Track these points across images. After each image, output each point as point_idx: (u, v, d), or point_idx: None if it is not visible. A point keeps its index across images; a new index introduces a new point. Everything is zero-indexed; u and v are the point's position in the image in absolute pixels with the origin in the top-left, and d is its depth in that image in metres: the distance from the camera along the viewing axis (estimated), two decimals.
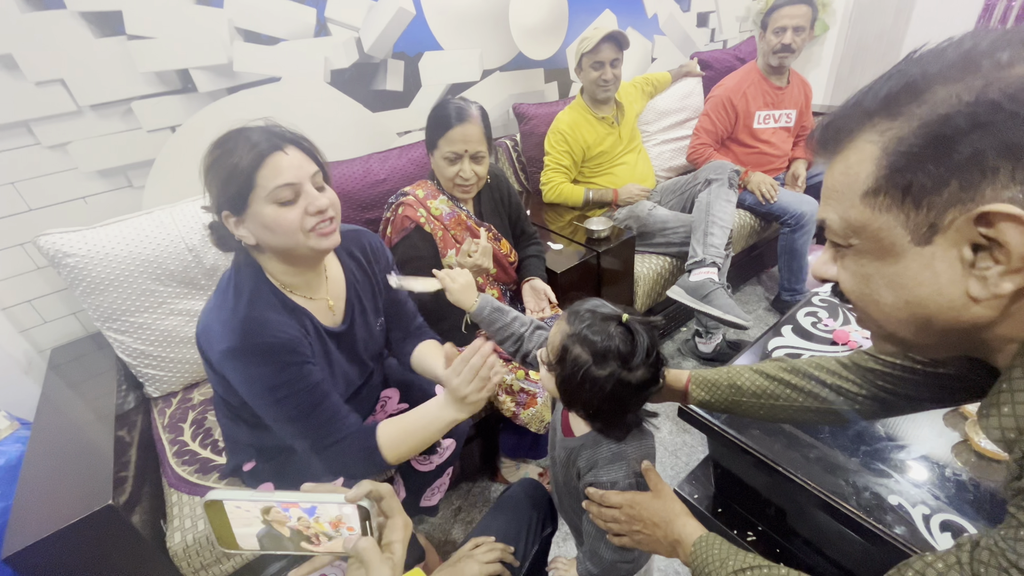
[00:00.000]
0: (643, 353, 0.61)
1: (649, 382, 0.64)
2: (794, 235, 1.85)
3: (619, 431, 0.70)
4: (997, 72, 0.32)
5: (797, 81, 2.01)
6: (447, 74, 1.78)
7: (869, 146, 0.37)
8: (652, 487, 0.69)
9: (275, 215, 0.73)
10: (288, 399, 0.76)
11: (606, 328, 0.63)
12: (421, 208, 1.23)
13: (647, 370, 0.63)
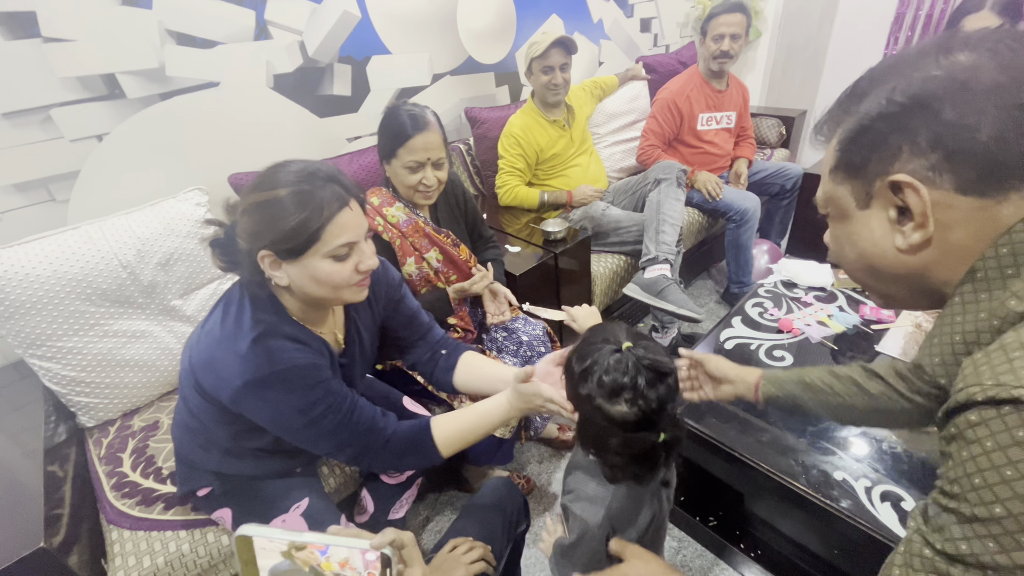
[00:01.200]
0: (619, 388, 0.57)
1: (634, 424, 0.58)
2: (739, 230, 1.94)
3: (609, 470, 0.65)
4: (908, 75, 0.41)
5: (735, 84, 2.12)
6: (396, 78, 1.76)
7: (835, 138, 0.48)
8: (630, 556, 0.67)
9: (328, 270, 0.73)
10: (324, 416, 0.77)
11: (598, 349, 0.60)
12: (377, 216, 1.20)
13: (629, 408, 0.57)
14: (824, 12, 2.62)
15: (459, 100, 1.97)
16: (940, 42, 0.42)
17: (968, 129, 0.38)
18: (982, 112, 0.38)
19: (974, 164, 0.39)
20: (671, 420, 0.60)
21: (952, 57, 0.40)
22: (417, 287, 1.28)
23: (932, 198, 0.41)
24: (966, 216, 0.40)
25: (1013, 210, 0.39)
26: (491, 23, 1.94)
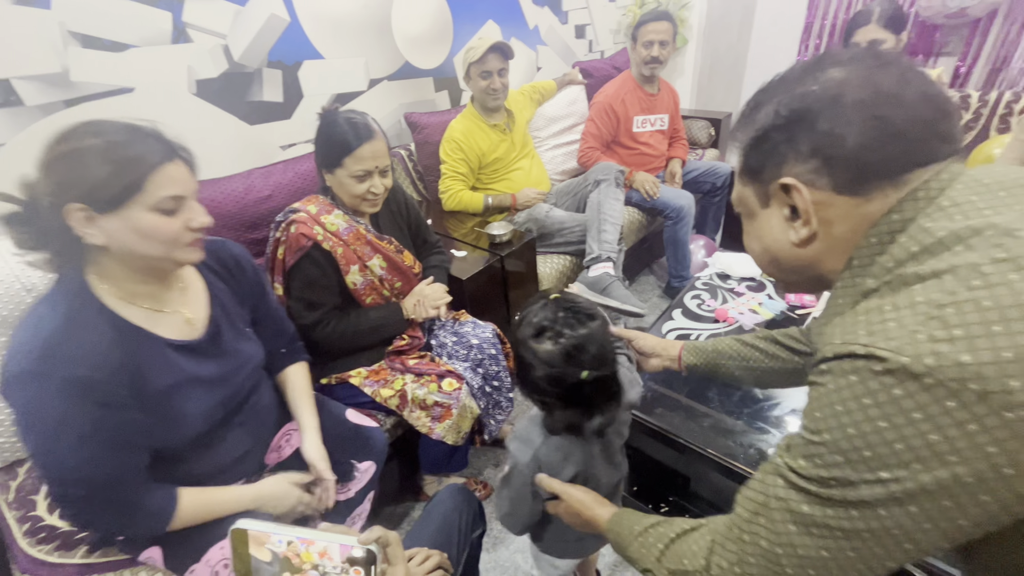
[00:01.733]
0: (543, 328, 0.66)
1: (559, 360, 0.64)
2: (676, 227, 2.04)
3: (549, 420, 0.72)
4: (792, 90, 0.47)
5: (666, 88, 2.22)
6: (331, 84, 1.71)
7: (741, 144, 0.53)
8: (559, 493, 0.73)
9: (154, 223, 0.70)
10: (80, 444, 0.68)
11: (533, 302, 0.70)
12: (316, 225, 1.16)
13: (552, 345, 0.65)
14: (742, 22, 2.80)
15: (398, 105, 1.95)
16: (817, 60, 0.47)
17: (839, 138, 0.43)
18: (850, 123, 0.43)
19: (846, 168, 0.44)
20: (597, 360, 0.66)
21: (826, 74, 0.45)
22: (363, 296, 1.24)
23: (814, 198, 0.46)
24: (844, 213, 0.46)
25: (879, 205, 0.44)
26: (427, 28, 1.94)
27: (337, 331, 1.19)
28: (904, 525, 0.38)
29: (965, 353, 0.34)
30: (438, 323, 1.39)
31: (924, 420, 0.35)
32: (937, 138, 0.43)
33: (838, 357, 0.40)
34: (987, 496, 0.35)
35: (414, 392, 1.18)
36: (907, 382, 0.35)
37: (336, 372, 1.25)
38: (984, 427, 0.34)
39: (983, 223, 0.38)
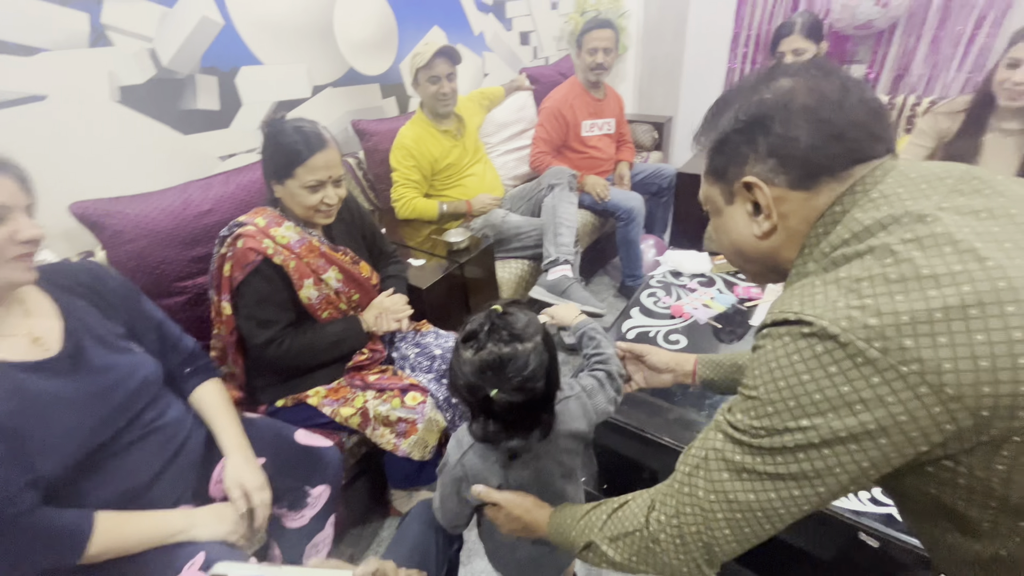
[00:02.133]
0: (470, 336, 0.66)
1: (474, 371, 0.64)
2: (627, 228, 2.10)
3: (471, 423, 0.71)
4: (749, 97, 0.51)
5: (611, 93, 2.29)
6: (272, 91, 1.64)
7: (705, 148, 0.57)
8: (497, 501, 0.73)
9: None
10: None
11: (484, 309, 0.68)
12: (265, 238, 1.10)
13: (472, 355, 0.64)
14: (676, 31, 2.94)
15: (344, 113, 1.89)
16: (769, 71, 0.52)
17: (793, 140, 0.48)
18: (800, 126, 0.48)
19: (799, 166, 0.49)
20: (512, 384, 0.63)
21: (777, 83, 0.50)
22: (318, 311, 1.19)
23: (772, 194, 0.51)
24: (798, 206, 0.50)
25: (826, 198, 0.49)
26: (371, 34, 1.89)
27: (293, 349, 1.13)
28: (818, 468, 0.43)
29: (872, 317, 0.39)
30: (399, 335, 1.36)
31: (838, 374, 0.40)
32: (873, 138, 0.48)
33: (775, 324, 0.46)
34: (884, 439, 0.40)
35: (376, 409, 1.14)
36: (826, 341, 0.41)
37: (292, 393, 1.18)
38: (884, 379, 0.39)
39: (902, 211, 0.43)
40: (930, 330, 0.37)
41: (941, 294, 0.38)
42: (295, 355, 1.14)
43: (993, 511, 0.41)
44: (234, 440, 0.94)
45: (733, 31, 2.75)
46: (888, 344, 0.38)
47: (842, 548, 1.13)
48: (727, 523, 0.49)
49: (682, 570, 0.53)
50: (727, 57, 2.84)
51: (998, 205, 0.41)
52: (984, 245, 0.39)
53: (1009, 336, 0.36)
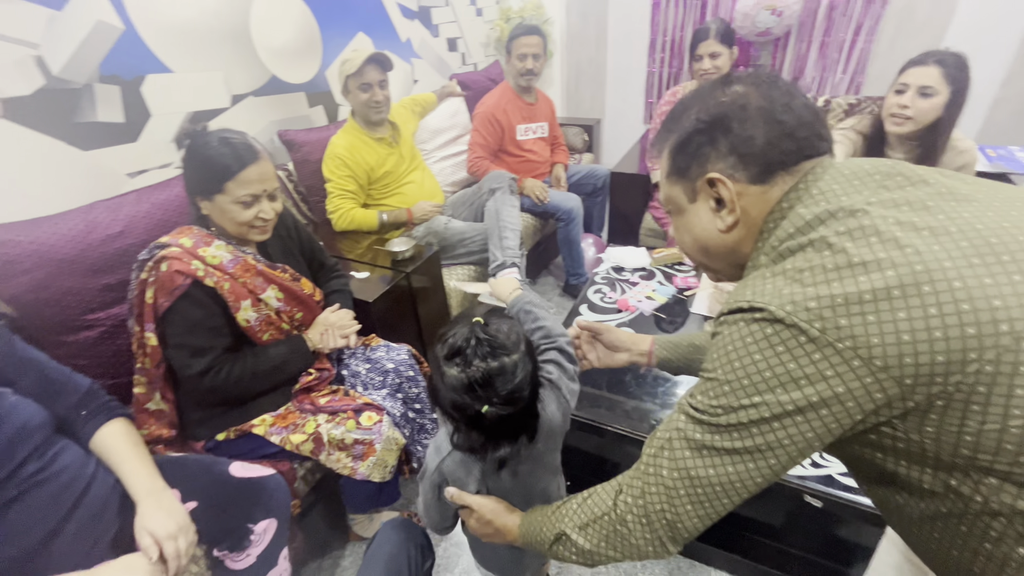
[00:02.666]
0: (453, 353, 0.64)
1: (461, 389, 0.62)
2: (568, 228, 2.15)
3: (453, 433, 0.70)
4: (707, 101, 0.55)
5: (543, 98, 2.34)
6: (185, 101, 1.51)
7: (665, 150, 0.60)
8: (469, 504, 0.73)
9: None
10: None
11: (461, 321, 0.67)
12: (194, 260, 1.01)
13: (458, 372, 0.62)
14: (598, 37, 3.06)
15: (269, 123, 1.79)
16: (722, 79, 0.57)
17: (750, 138, 0.52)
18: (756, 125, 0.52)
19: (756, 162, 0.53)
20: (503, 398, 0.63)
21: (731, 88, 0.55)
22: (258, 333, 1.11)
23: (734, 189, 0.54)
24: (756, 200, 0.54)
25: (779, 191, 0.53)
26: (292, 40, 1.81)
27: (232, 376, 1.05)
28: (770, 441, 0.47)
29: (812, 301, 0.44)
30: (348, 352, 1.30)
31: (784, 352, 0.45)
32: (816, 136, 0.53)
33: (731, 312, 0.50)
34: (826, 410, 0.45)
35: (330, 433, 1.08)
36: (774, 324, 0.45)
37: (234, 424, 1.09)
38: (824, 355, 0.43)
39: (837, 207, 0.48)
40: (860, 310, 0.42)
41: (869, 279, 0.42)
42: (235, 383, 1.06)
43: (930, 472, 0.46)
44: (142, 484, 0.85)
45: (650, 37, 2.91)
46: (826, 324, 0.43)
47: (791, 512, 1.22)
48: (689, 499, 0.52)
49: (647, 549, 0.56)
50: (647, 61, 2.99)
51: (916, 197, 0.47)
52: (904, 234, 0.44)
53: (925, 312, 0.41)
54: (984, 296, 0.40)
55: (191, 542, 0.83)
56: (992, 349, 0.39)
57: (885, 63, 2.48)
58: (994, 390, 0.40)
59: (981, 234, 0.42)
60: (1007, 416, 0.40)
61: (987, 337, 0.39)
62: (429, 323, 1.66)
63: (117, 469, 0.86)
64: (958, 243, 0.42)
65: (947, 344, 0.40)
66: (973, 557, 0.47)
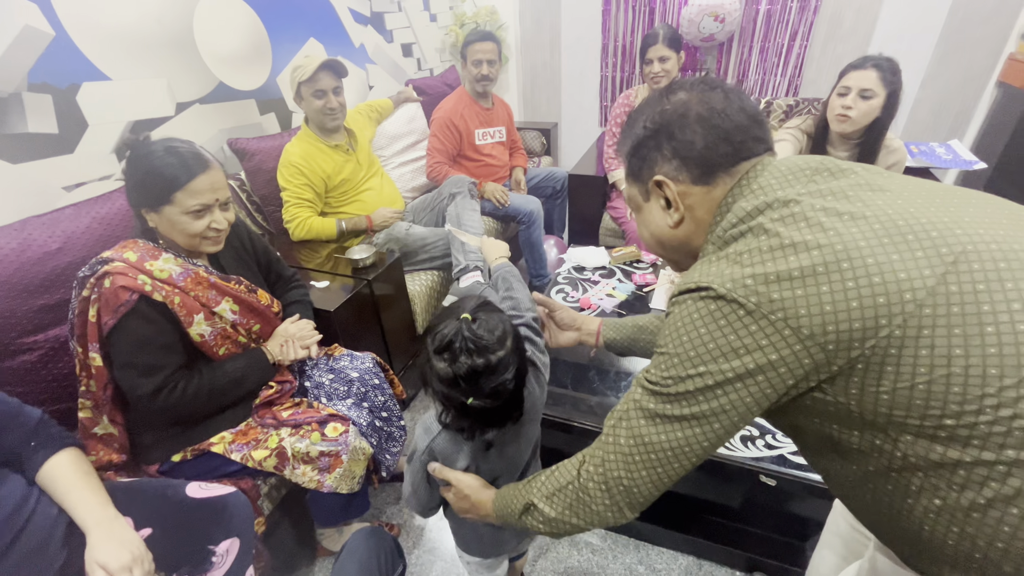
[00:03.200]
0: (442, 347, 0.67)
1: (448, 381, 0.67)
2: (529, 230, 2.18)
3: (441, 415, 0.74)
4: (653, 109, 0.61)
5: (499, 102, 2.37)
6: (125, 109, 1.45)
7: (624, 154, 0.66)
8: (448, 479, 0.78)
9: None
10: None
11: (454, 313, 0.70)
12: (140, 274, 0.97)
13: (446, 366, 0.66)
14: (552, 42, 3.12)
15: (218, 131, 1.73)
16: (668, 87, 0.62)
17: (690, 143, 0.58)
18: (695, 132, 0.57)
19: (697, 165, 0.58)
20: (488, 393, 0.67)
21: (675, 96, 0.60)
22: (213, 348, 1.08)
23: (678, 190, 0.60)
24: (701, 199, 0.60)
25: (721, 191, 0.59)
26: (240, 46, 1.76)
27: (188, 394, 1.01)
28: (714, 407, 0.52)
29: (749, 279, 0.49)
30: (310, 363, 1.27)
31: (726, 325, 0.50)
32: (753, 139, 0.58)
33: (681, 293, 0.55)
34: (762, 376, 0.49)
35: (294, 446, 1.05)
36: (717, 300, 0.51)
37: (191, 444, 1.06)
38: (759, 327, 0.48)
39: (773, 198, 0.53)
40: (791, 285, 0.47)
41: (798, 258, 0.48)
42: (191, 401, 1.02)
43: (857, 433, 0.51)
44: (91, 514, 0.81)
45: (602, 42, 2.99)
46: (760, 298, 0.48)
47: (747, 493, 1.28)
48: (644, 465, 0.56)
49: (607, 515, 0.60)
50: (599, 66, 3.07)
51: (839, 188, 0.52)
52: (828, 219, 0.49)
53: (844, 286, 0.46)
54: (892, 270, 0.45)
55: (147, 572, 0.80)
56: (899, 315, 0.44)
57: (819, 66, 2.64)
58: (903, 352, 0.45)
59: (891, 218, 0.48)
60: (914, 375, 0.45)
61: (894, 305, 0.45)
62: (394, 330, 1.65)
63: (63, 500, 0.82)
64: (872, 226, 0.48)
65: (862, 312, 0.45)
66: (898, 514, 0.52)
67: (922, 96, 2.55)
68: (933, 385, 0.44)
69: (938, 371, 0.44)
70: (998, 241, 0.45)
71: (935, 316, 0.44)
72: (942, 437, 0.45)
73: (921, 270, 0.45)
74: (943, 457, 0.46)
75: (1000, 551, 0.46)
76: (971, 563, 0.48)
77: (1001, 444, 0.43)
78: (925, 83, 2.52)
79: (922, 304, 0.44)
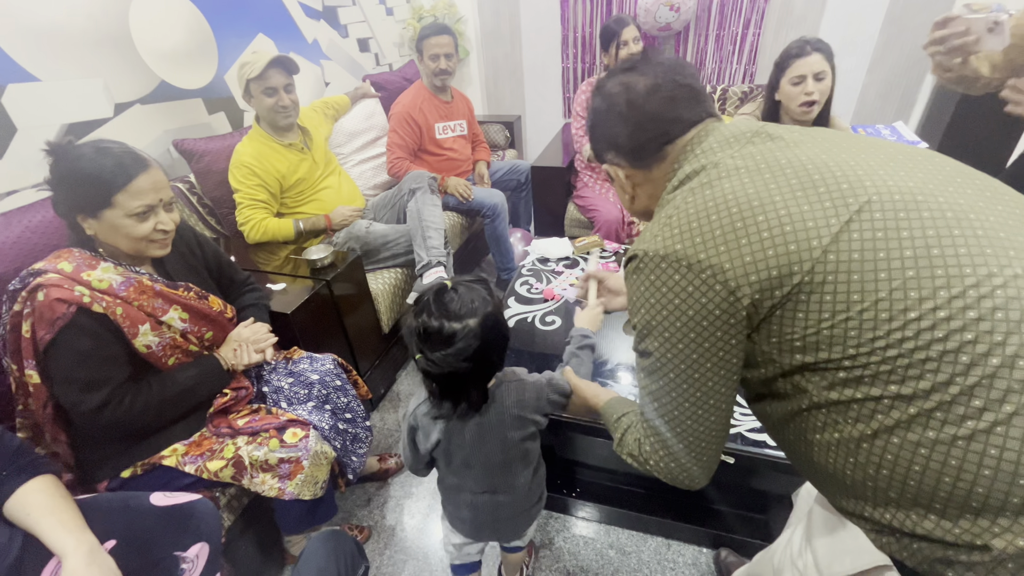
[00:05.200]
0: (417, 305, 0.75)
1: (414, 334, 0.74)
2: (495, 224, 2.17)
3: None
4: (595, 103, 0.66)
5: (459, 96, 2.34)
6: (58, 112, 1.37)
7: None
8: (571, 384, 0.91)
9: None
10: None
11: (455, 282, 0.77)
12: (77, 285, 0.92)
13: (414, 320, 0.74)
14: (512, 34, 3.10)
15: (162, 132, 1.66)
16: (609, 74, 0.66)
17: (617, 135, 0.63)
18: (617, 126, 0.64)
19: (628, 153, 0.64)
20: (438, 359, 0.72)
21: (605, 87, 0.65)
22: (162, 359, 1.04)
23: (624, 173, 0.66)
24: (643, 179, 0.66)
25: (659, 171, 0.64)
26: (182, 42, 1.69)
27: (136, 408, 0.97)
28: (670, 357, 0.56)
29: (678, 243, 0.53)
30: (267, 367, 1.24)
31: (663, 285, 0.54)
32: (673, 121, 0.62)
33: (627, 262, 0.60)
34: (706, 321, 0.53)
35: (251, 455, 1.03)
36: (653, 265, 0.55)
37: (141, 458, 1.02)
38: (695, 286, 0.52)
39: (708, 161, 0.57)
40: (714, 243, 0.51)
41: (719, 216, 0.52)
42: (141, 414, 0.98)
43: (781, 378, 0.54)
44: (71, 539, 0.77)
45: (561, 33, 2.99)
46: (691, 260, 0.52)
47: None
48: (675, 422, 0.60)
49: (673, 481, 0.65)
50: (560, 57, 3.07)
51: (769, 149, 0.55)
52: (750, 177, 0.53)
53: (760, 236, 0.49)
54: (802, 219, 0.48)
55: None
56: (808, 262, 0.47)
57: (772, 53, 2.69)
58: (811, 298, 0.48)
59: (808, 171, 0.51)
60: (820, 320, 0.48)
61: (804, 252, 0.48)
62: (358, 330, 1.62)
63: (35, 528, 0.77)
64: (789, 180, 0.51)
65: (777, 260, 0.48)
66: (811, 450, 0.56)
67: (869, 80, 2.64)
68: (835, 329, 0.47)
69: (839, 316, 0.47)
70: (903, 192, 0.48)
71: (838, 263, 0.47)
72: (841, 378, 0.49)
73: (828, 219, 0.48)
74: (840, 395, 0.50)
75: (886, 477, 0.49)
76: (865, 490, 0.52)
77: (886, 381, 0.47)
78: (872, 67, 2.60)
79: (826, 251, 0.47)
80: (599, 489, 1.37)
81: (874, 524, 0.53)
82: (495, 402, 0.84)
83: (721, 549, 1.23)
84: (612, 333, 1.35)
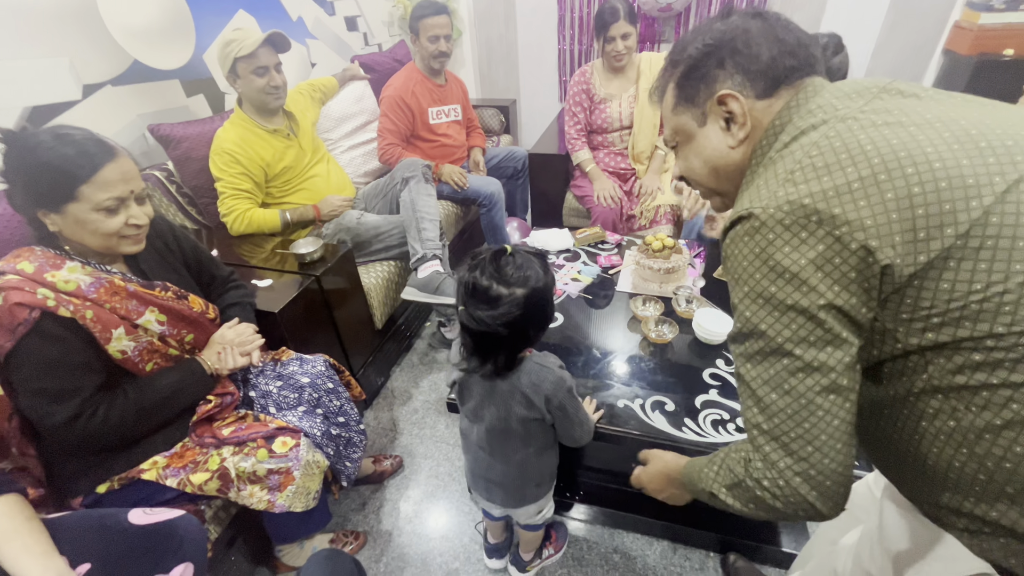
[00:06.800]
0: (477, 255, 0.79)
1: (459, 284, 0.78)
2: (491, 213, 2.09)
3: None
4: (709, 30, 0.60)
5: (453, 79, 2.24)
6: (19, 94, 1.27)
7: (670, 85, 0.65)
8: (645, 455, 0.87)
9: None
10: None
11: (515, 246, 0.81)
12: (41, 287, 0.84)
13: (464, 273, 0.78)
14: (506, 13, 2.98)
15: (136, 116, 1.56)
16: (719, 15, 0.61)
17: (756, 56, 0.56)
18: (760, 44, 0.56)
19: (763, 77, 0.57)
20: (476, 316, 0.75)
21: (730, 19, 0.60)
22: (139, 365, 0.96)
23: (740, 109, 0.58)
24: (762, 113, 0.58)
25: (781, 103, 0.57)
26: (155, 18, 1.57)
27: (112, 418, 0.90)
28: (781, 333, 0.49)
29: (806, 196, 0.46)
30: (254, 370, 1.17)
31: (784, 245, 0.47)
32: (812, 56, 0.57)
33: (732, 225, 0.53)
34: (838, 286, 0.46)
35: (238, 466, 0.96)
36: (773, 222, 0.48)
37: (119, 472, 0.95)
38: (826, 243, 0.45)
39: (831, 115, 0.51)
40: (851, 196, 0.45)
41: (856, 168, 0.45)
42: (118, 425, 0.91)
43: (891, 359, 0.49)
44: (31, 569, 0.71)
45: (558, 13, 2.88)
46: (822, 215, 0.45)
47: None
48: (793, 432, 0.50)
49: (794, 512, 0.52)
50: (556, 38, 2.96)
51: (908, 104, 0.50)
52: (893, 131, 0.46)
53: (909, 192, 0.43)
54: (960, 175, 0.42)
55: None
56: (965, 223, 0.42)
57: None
58: (961, 264, 0.42)
59: (962, 126, 0.45)
60: (969, 292, 0.42)
61: (960, 212, 0.42)
62: (349, 328, 1.55)
63: None
64: (940, 133, 0.45)
65: (927, 220, 0.43)
66: (907, 440, 0.51)
67: (874, 65, 2.57)
68: (986, 303, 0.42)
69: (993, 287, 0.41)
70: None
71: (1001, 226, 0.41)
72: (975, 361, 0.44)
73: (992, 176, 0.42)
74: (969, 379, 0.44)
75: (1008, 471, 0.45)
76: (974, 484, 0.47)
77: None
78: (876, 52, 2.54)
79: (988, 211, 0.41)
80: (602, 492, 1.33)
81: (977, 524, 0.48)
82: (513, 374, 0.85)
83: (730, 553, 1.20)
84: (612, 324, 1.30)
